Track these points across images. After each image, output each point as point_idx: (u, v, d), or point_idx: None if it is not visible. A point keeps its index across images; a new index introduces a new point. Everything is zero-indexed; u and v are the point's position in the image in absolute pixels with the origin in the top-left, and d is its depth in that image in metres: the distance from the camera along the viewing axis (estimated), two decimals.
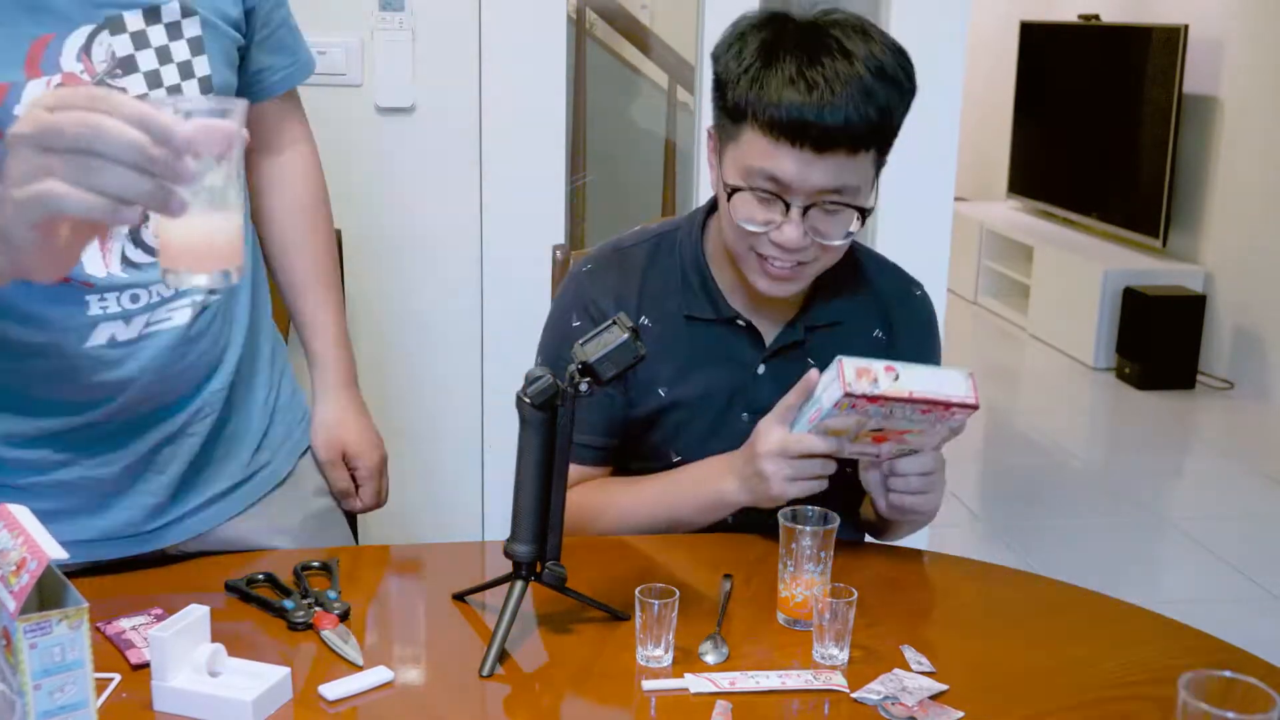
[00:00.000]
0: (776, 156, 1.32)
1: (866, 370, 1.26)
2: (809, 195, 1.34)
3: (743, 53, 1.35)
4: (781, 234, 1.36)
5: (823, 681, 1.15)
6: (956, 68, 2.48)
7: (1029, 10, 6.25)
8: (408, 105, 2.37)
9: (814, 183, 1.33)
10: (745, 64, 1.34)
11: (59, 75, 1.18)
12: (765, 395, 1.50)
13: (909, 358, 1.56)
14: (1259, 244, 4.81)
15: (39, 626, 0.93)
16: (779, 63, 1.32)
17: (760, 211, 1.36)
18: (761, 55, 1.33)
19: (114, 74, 1.21)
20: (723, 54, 1.38)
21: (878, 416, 1.29)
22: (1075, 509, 3.80)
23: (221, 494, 1.42)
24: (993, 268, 6.12)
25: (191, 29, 1.26)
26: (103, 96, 0.88)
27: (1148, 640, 1.27)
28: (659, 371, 1.49)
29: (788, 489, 1.35)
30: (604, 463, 1.55)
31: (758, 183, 1.35)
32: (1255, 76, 4.82)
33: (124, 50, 1.22)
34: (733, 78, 1.35)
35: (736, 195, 1.37)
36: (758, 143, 1.33)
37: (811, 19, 1.37)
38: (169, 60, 1.25)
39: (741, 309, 1.50)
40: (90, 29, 1.20)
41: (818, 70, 1.30)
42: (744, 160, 1.35)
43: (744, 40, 1.36)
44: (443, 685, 1.17)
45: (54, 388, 1.27)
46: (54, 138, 0.88)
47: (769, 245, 1.38)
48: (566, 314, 1.52)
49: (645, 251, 1.54)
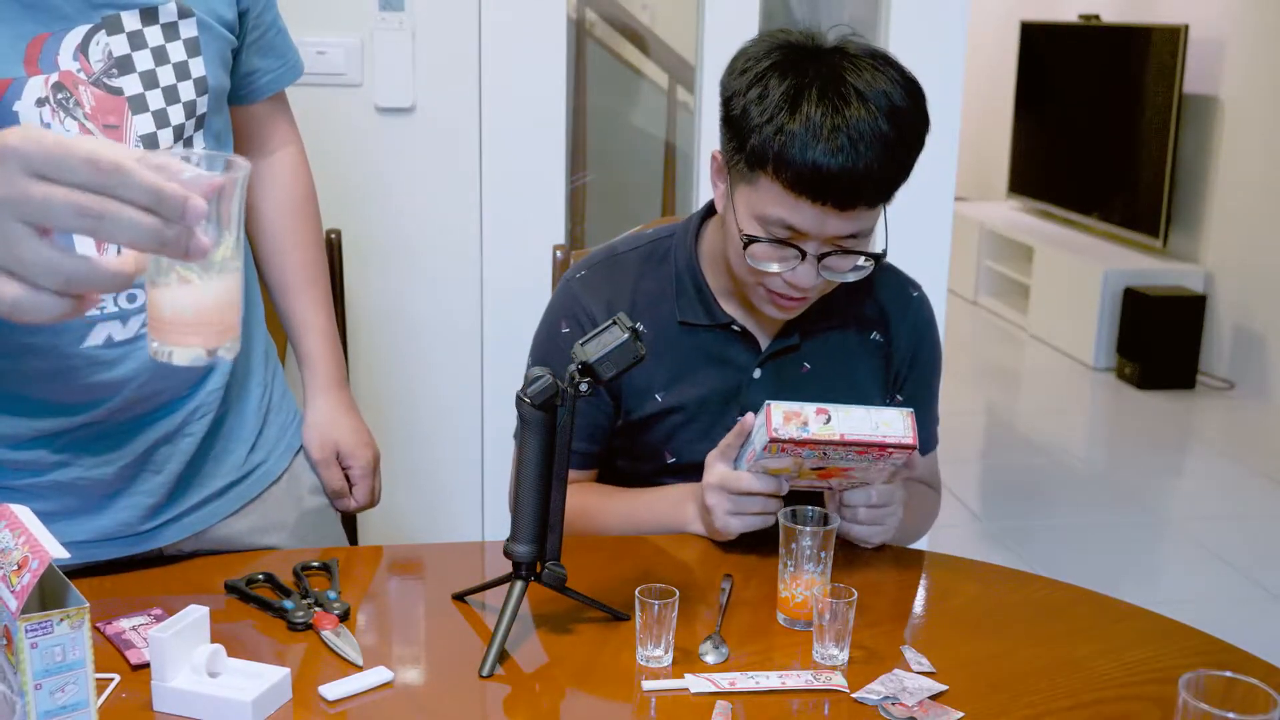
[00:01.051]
0: (797, 209, 1.32)
1: (795, 414, 1.27)
2: (825, 242, 1.35)
3: (765, 99, 1.31)
4: (796, 276, 1.37)
5: (823, 682, 1.15)
6: (956, 68, 2.48)
7: (1029, 10, 6.25)
8: (408, 105, 2.37)
9: (831, 232, 1.34)
10: (768, 113, 1.31)
11: (57, 74, 1.18)
12: (760, 399, 1.50)
13: (907, 359, 1.57)
14: (1259, 244, 4.81)
15: (40, 626, 0.93)
16: (803, 117, 1.29)
17: (775, 254, 1.37)
18: (786, 106, 1.30)
19: (110, 73, 1.21)
20: (740, 93, 1.34)
21: (813, 457, 1.30)
22: (1075, 509, 3.80)
23: (217, 493, 1.42)
24: (993, 268, 6.12)
25: (188, 30, 1.27)
26: (111, 166, 0.76)
27: (1148, 640, 1.27)
28: (655, 376, 1.49)
29: (730, 522, 1.37)
30: (588, 467, 1.56)
31: (775, 231, 1.35)
32: (1255, 76, 4.82)
33: (121, 50, 1.22)
34: (753, 125, 1.32)
35: (754, 245, 1.36)
36: (776, 192, 1.33)
37: (829, 52, 1.35)
38: (165, 61, 1.25)
39: (736, 315, 1.50)
40: (88, 28, 1.20)
41: (842, 127, 1.28)
42: (761, 207, 1.35)
43: (764, 84, 1.32)
44: (443, 685, 1.17)
45: (51, 388, 1.27)
46: (42, 215, 0.76)
47: (782, 284, 1.39)
48: (556, 320, 1.53)
49: (639, 257, 1.54)
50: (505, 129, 2.42)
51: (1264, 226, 4.78)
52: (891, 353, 1.55)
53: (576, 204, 3.01)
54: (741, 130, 1.34)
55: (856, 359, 1.54)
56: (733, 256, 1.42)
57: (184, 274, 0.82)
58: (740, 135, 1.34)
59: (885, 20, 2.53)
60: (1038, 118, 6.12)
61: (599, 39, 3.34)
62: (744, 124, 1.33)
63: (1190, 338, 4.94)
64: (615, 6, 3.22)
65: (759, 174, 1.33)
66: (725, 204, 1.42)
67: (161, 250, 0.79)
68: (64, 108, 1.19)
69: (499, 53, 2.39)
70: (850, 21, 3.06)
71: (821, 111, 1.29)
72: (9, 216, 0.77)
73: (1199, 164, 5.12)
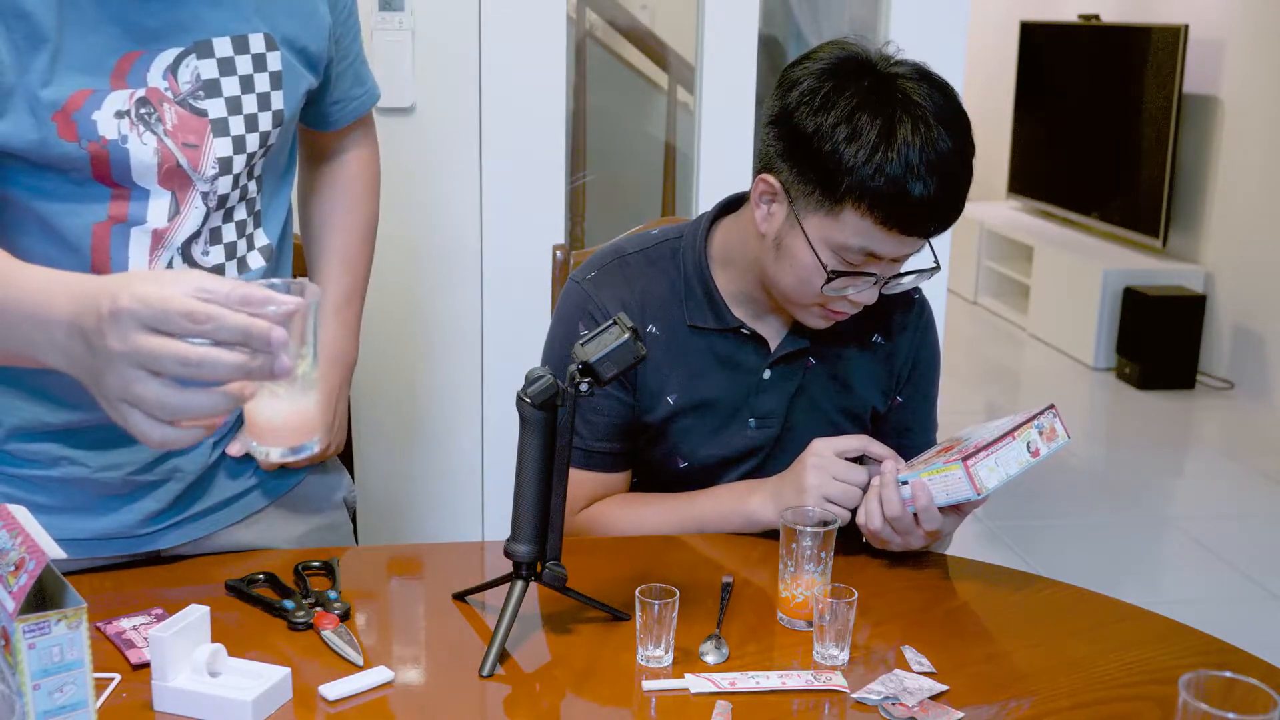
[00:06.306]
0: (884, 239, 1.34)
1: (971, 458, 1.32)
2: (893, 262, 1.38)
3: (857, 139, 1.30)
4: (863, 296, 1.39)
5: (823, 682, 1.15)
6: (956, 68, 2.48)
7: (1029, 10, 6.25)
8: (408, 105, 2.37)
9: (906, 252, 1.38)
10: (864, 154, 1.30)
11: (144, 89, 1.21)
12: (770, 401, 1.50)
13: (909, 361, 1.57)
14: (1259, 244, 4.81)
15: (38, 626, 0.93)
16: (901, 158, 1.29)
17: (851, 282, 1.38)
18: (883, 147, 1.30)
19: (197, 94, 1.25)
20: (826, 129, 1.32)
21: None
22: (1075, 509, 3.80)
23: (223, 503, 1.42)
24: (993, 268, 6.12)
25: (275, 64, 1.30)
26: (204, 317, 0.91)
27: (1148, 640, 1.26)
28: (668, 379, 1.49)
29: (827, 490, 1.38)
30: (624, 468, 1.54)
31: (852, 259, 1.36)
32: (1255, 76, 4.82)
33: (209, 74, 1.25)
34: (848, 165, 1.30)
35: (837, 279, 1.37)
36: (864, 226, 1.33)
37: (890, 76, 1.35)
38: (251, 90, 1.28)
39: (745, 318, 1.50)
40: (179, 50, 1.23)
41: (935, 162, 1.30)
42: (841, 237, 1.35)
43: (853, 123, 1.31)
44: (443, 685, 1.17)
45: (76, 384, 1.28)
46: (153, 364, 0.93)
47: (846, 305, 1.41)
48: (572, 323, 1.51)
49: (647, 259, 1.53)
50: (505, 129, 2.42)
51: (1264, 226, 4.78)
52: (894, 354, 1.56)
53: (576, 204, 3.01)
54: (829, 167, 1.32)
55: (859, 360, 1.54)
56: (791, 281, 1.41)
57: (273, 389, 0.97)
58: (827, 171, 1.33)
59: (885, 20, 2.53)
60: (1038, 118, 6.11)
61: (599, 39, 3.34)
62: (835, 161, 1.31)
63: (1190, 338, 4.94)
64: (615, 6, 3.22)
65: (845, 207, 1.33)
66: (782, 229, 1.40)
67: (251, 377, 0.93)
68: (145, 122, 1.21)
69: (499, 53, 2.39)
70: (851, 21, 3.06)
71: (918, 147, 1.30)
72: (127, 364, 0.93)
73: (1199, 164, 5.12)
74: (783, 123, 1.37)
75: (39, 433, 1.29)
